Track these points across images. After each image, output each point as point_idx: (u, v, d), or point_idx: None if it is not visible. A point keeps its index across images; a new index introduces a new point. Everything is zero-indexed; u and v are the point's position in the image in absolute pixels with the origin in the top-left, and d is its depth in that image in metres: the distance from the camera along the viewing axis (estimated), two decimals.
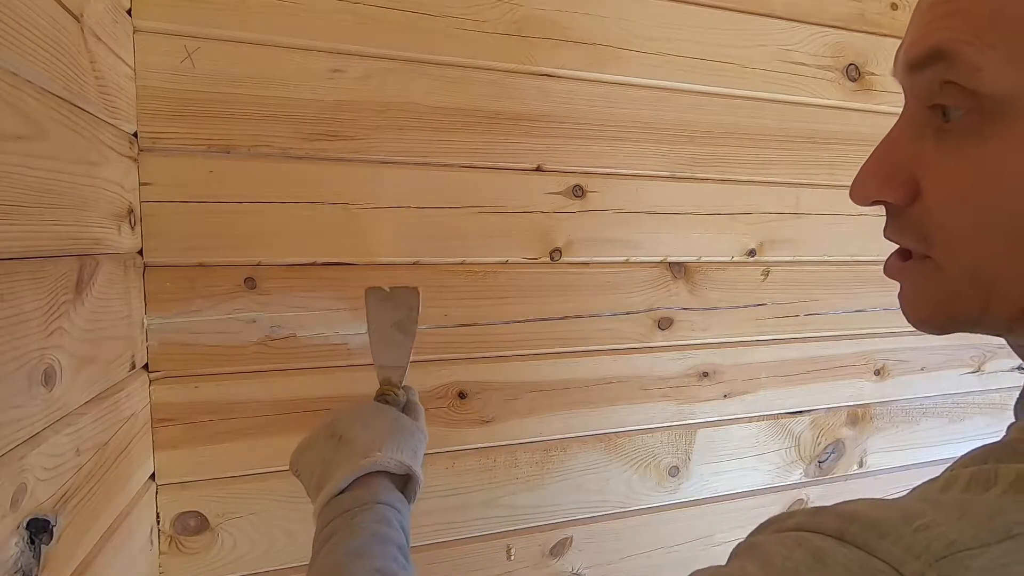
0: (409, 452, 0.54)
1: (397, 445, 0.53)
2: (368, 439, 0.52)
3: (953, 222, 0.30)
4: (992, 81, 0.26)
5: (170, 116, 0.65)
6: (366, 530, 0.45)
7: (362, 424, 0.54)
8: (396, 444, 0.53)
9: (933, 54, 0.28)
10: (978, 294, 0.30)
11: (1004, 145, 0.27)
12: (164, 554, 0.70)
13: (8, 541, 0.39)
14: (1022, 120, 0.26)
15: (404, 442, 0.54)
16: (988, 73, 0.26)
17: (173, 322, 0.68)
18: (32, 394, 0.41)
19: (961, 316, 0.32)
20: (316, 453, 0.54)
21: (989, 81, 0.26)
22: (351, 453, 0.51)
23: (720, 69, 0.88)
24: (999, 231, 0.28)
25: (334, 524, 0.47)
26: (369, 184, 0.73)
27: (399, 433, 0.55)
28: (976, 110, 0.27)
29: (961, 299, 0.31)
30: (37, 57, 0.42)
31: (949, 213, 0.30)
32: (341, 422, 0.55)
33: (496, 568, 0.86)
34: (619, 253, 0.87)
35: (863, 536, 0.23)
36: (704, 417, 0.96)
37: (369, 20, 0.71)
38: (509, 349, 0.83)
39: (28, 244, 0.41)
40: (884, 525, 0.23)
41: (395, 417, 0.57)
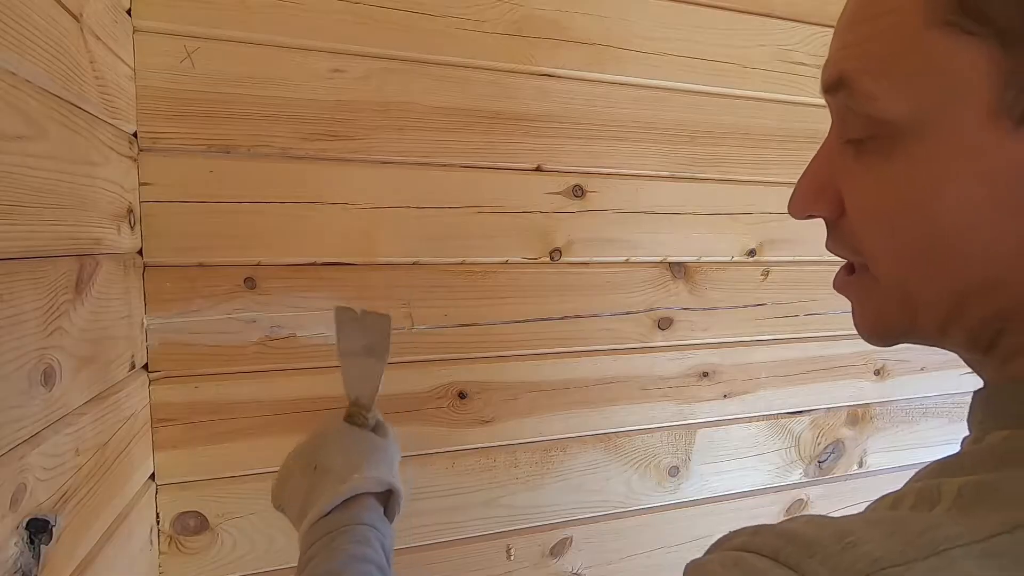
0: (386, 468, 0.55)
1: (374, 464, 0.53)
2: (344, 464, 0.52)
3: (873, 238, 0.31)
4: (885, 110, 0.28)
5: (170, 116, 0.65)
6: (344, 552, 0.45)
7: (336, 450, 0.54)
8: (373, 464, 0.53)
9: (836, 82, 0.30)
10: (906, 308, 0.31)
11: (904, 168, 0.28)
12: (164, 554, 0.70)
13: (8, 541, 0.39)
14: (917, 144, 0.27)
15: (380, 460, 0.54)
16: (882, 102, 0.28)
17: (173, 322, 0.67)
18: (32, 394, 0.41)
19: (896, 329, 0.33)
20: (295, 485, 0.54)
21: (882, 109, 0.28)
22: (330, 480, 0.51)
23: (720, 69, 0.88)
24: (911, 248, 0.29)
25: (314, 548, 0.47)
26: (369, 184, 0.73)
27: (374, 453, 0.55)
28: (880, 131, 0.29)
29: (893, 312, 0.32)
30: (37, 57, 0.42)
31: (869, 229, 0.31)
32: (316, 451, 0.54)
33: (496, 568, 0.86)
34: (619, 253, 0.87)
35: (796, 556, 0.23)
36: (704, 417, 0.96)
37: (369, 20, 0.71)
38: (509, 349, 0.82)
39: (28, 244, 0.41)
40: (815, 544, 0.23)
41: (368, 438, 0.57)
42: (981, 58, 0.25)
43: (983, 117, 0.25)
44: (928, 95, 0.27)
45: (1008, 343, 0.29)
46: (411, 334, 0.77)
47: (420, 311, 0.77)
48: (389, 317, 0.64)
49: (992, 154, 0.26)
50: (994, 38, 0.24)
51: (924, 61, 0.26)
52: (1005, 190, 0.26)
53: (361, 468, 0.52)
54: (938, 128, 0.27)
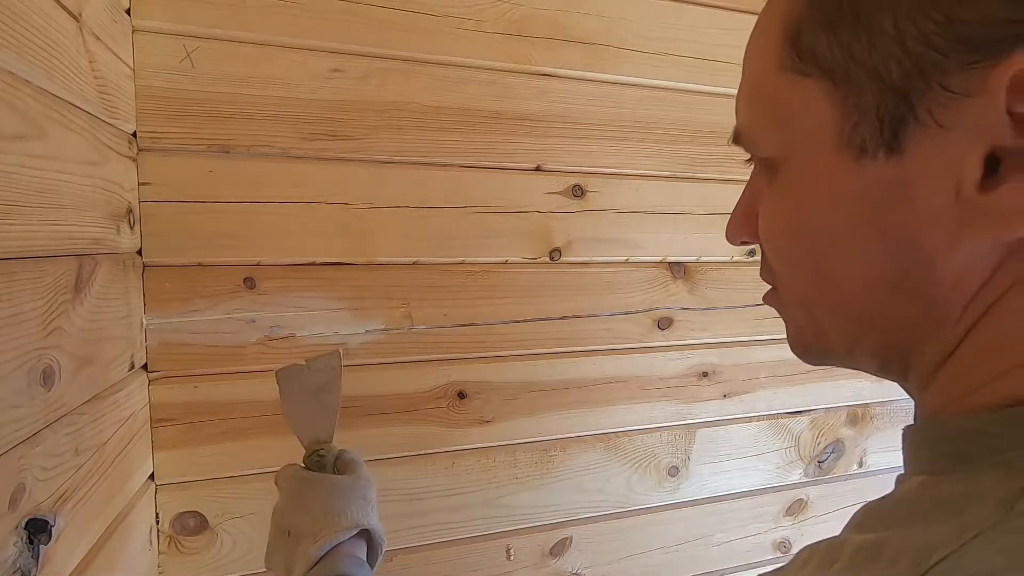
0: (355, 510, 0.53)
1: (340, 513, 0.52)
2: (310, 524, 0.51)
3: (774, 260, 0.33)
4: (763, 149, 0.32)
5: (169, 116, 0.65)
6: None
7: (300, 510, 0.53)
8: (337, 513, 0.52)
9: (736, 135, 0.34)
10: (814, 329, 0.33)
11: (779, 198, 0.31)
12: (163, 554, 0.70)
13: (7, 541, 0.39)
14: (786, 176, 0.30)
15: (345, 507, 0.53)
16: (759, 144, 0.32)
17: (172, 322, 0.67)
18: (31, 394, 0.41)
19: (813, 348, 0.34)
20: (278, 555, 0.54)
21: (761, 149, 0.32)
22: (302, 545, 0.51)
23: (720, 69, 0.88)
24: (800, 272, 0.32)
25: None
26: (369, 184, 0.73)
27: (337, 500, 0.53)
28: (765, 167, 0.32)
29: (806, 332, 0.34)
30: (36, 57, 0.42)
31: (771, 252, 0.33)
32: (283, 516, 0.54)
33: (496, 568, 0.86)
34: (619, 253, 0.87)
35: None
36: (704, 417, 0.96)
37: (369, 20, 0.71)
38: (508, 349, 0.82)
39: (27, 244, 0.41)
40: None
41: (327, 485, 0.55)
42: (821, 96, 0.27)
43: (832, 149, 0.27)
44: (787, 133, 0.30)
45: (917, 373, 0.29)
46: (411, 334, 0.77)
47: (420, 311, 0.77)
48: (337, 353, 0.62)
49: (843, 184, 0.27)
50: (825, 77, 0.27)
51: (779, 104, 0.30)
52: (863, 218, 0.27)
53: (327, 522, 0.51)
54: (798, 161, 0.29)
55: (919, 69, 0.24)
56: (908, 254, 0.26)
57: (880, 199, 0.26)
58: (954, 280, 0.26)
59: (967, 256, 0.25)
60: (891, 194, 0.26)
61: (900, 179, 0.25)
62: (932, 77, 0.23)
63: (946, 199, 0.24)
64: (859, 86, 0.26)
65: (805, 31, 0.27)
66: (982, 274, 0.25)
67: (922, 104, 0.24)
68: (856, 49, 0.25)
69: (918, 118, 0.24)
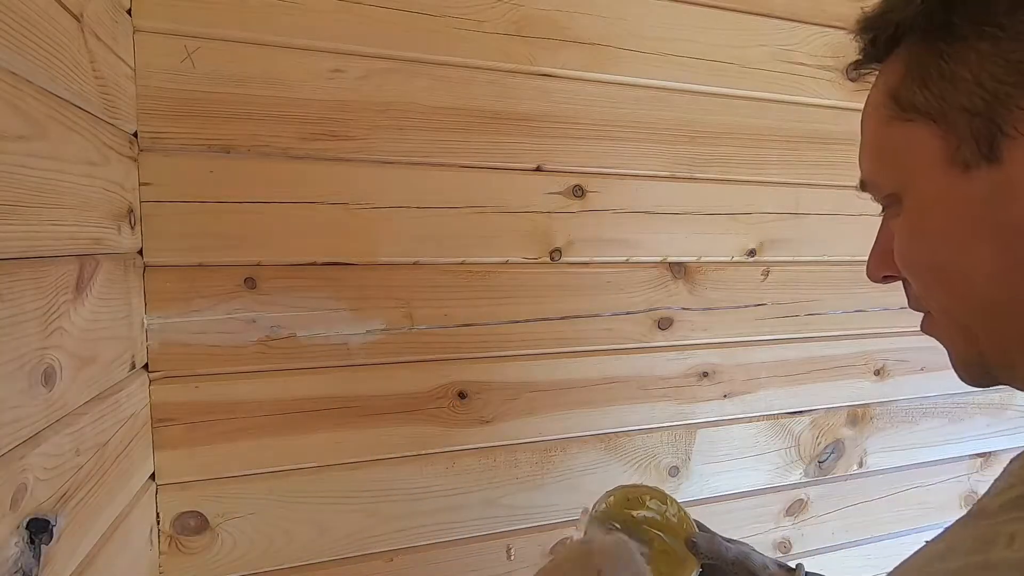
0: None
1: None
2: None
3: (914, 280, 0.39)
4: (885, 188, 0.40)
5: (170, 116, 0.65)
6: None
7: None
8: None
9: (862, 184, 0.42)
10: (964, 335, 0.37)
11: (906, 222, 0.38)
12: (164, 554, 0.70)
13: (8, 541, 0.39)
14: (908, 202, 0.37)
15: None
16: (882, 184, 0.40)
17: (173, 322, 0.68)
18: (32, 394, 0.41)
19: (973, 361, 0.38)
20: None
21: (886, 187, 0.40)
22: None
23: (720, 69, 0.88)
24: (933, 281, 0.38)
25: None
26: (369, 184, 0.73)
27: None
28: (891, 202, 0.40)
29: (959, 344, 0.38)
30: (37, 57, 0.42)
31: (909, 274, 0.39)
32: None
33: (496, 568, 0.86)
34: (619, 253, 0.87)
35: None
36: (704, 417, 0.96)
37: (369, 20, 0.71)
38: (509, 349, 0.83)
39: (28, 244, 0.41)
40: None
41: None
42: (925, 132, 0.35)
43: (942, 170, 0.34)
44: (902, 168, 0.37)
45: None
46: (411, 334, 0.77)
47: (420, 311, 0.77)
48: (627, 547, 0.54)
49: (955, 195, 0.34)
50: (926, 119, 0.35)
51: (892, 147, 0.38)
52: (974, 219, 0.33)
53: None
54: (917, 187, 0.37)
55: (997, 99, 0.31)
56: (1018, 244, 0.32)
57: (988, 199, 0.32)
58: None
59: None
60: (997, 194, 0.32)
61: (1003, 180, 0.32)
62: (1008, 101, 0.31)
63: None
64: (953, 119, 0.33)
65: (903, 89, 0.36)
66: None
67: (1007, 122, 0.31)
68: (946, 94, 0.33)
69: (1005, 132, 0.31)
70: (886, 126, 0.37)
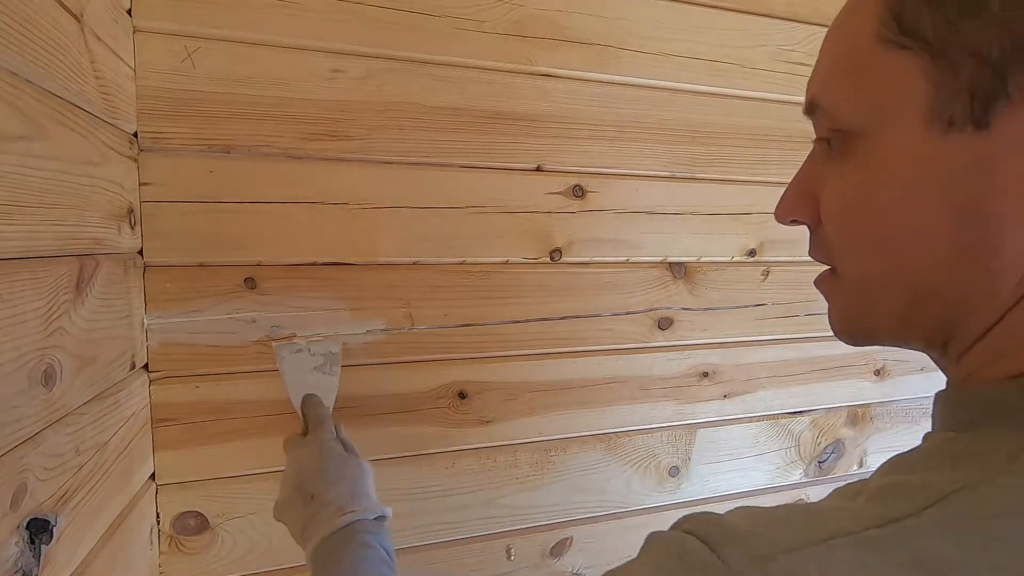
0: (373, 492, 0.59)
1: (363, 493, 0.58)
2: (337, 495, 0.56)
3: (838, 238, 0.34)
4: (845, 120, 0.32)
5: (170, 116, 0.65)
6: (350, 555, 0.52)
7: (328, 480, 0.58)
8: (362, 492, 0.58)
9: (810, 104, 0.35)
10: (867, 306, 0.34)
11: (857, 169, 0.32)
12: (164, 554, 0.70)
13: (8, 541, 0.39)
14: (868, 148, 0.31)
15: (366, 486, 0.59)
16: (842, 114, 0.32)
17: (173, 322, 0.68)
18: (32, 394, 0.41)
19: (861, 327, 0.36)
20: (294, 513, 0.58)
21: (843, 120, 0.32)
22: (325, 511, 0.55)
23: (720, 69, 0.88)
24: (866, 248, 0.33)
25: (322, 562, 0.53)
26: (369, 184, 0.73)
27: (361, 480, 0.59)
28: (842, 141, 0.33)
29: (857, 311, 0.35)
30: (37, 57, 0.42)
31: (834, 230, 0.34)
32: (308, 481, 0.58)
33: (496, 568, 0.86)
34: (619, 253, 0.87)
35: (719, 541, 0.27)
36: (704, 417, 0.96)
37: (369, 20, 0.71)
38: (509, 349, 0.83)
39: (28, 244, 0.41)
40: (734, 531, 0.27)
41: (355, 465, 0.61)
42: (916, 70, 0.28)
43: (920, 122, 0.28)
44: (876, 103, 0.30)
45: (958, 344, 0.32)
46: (411, 334, 0.77)
47: (420, 311, 0.77)
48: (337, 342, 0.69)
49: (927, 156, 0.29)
50: (924, 51, 0.28)
51: (873, 74, 0.30)
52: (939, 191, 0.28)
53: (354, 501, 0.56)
54: (883, 132, 0.30)
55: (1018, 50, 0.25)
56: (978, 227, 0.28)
57: (961, 172, 0.28)
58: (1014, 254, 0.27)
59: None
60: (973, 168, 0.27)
61: (984, 153, 0.27)
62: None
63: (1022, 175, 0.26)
64: (957, 62, 0.27)
65: (909, 6, 0.28)
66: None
67: (1015, 83, 0.25)
68: (962, 26, 0.26)
69: (1009, 96, 0.26)
70: (874, 46, 0.30)
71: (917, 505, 0.24)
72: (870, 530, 0.24)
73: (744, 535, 0.26)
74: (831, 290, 0.37)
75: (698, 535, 0.28)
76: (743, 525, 0.27)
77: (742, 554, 0.25)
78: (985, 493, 0.24)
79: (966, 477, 0.25)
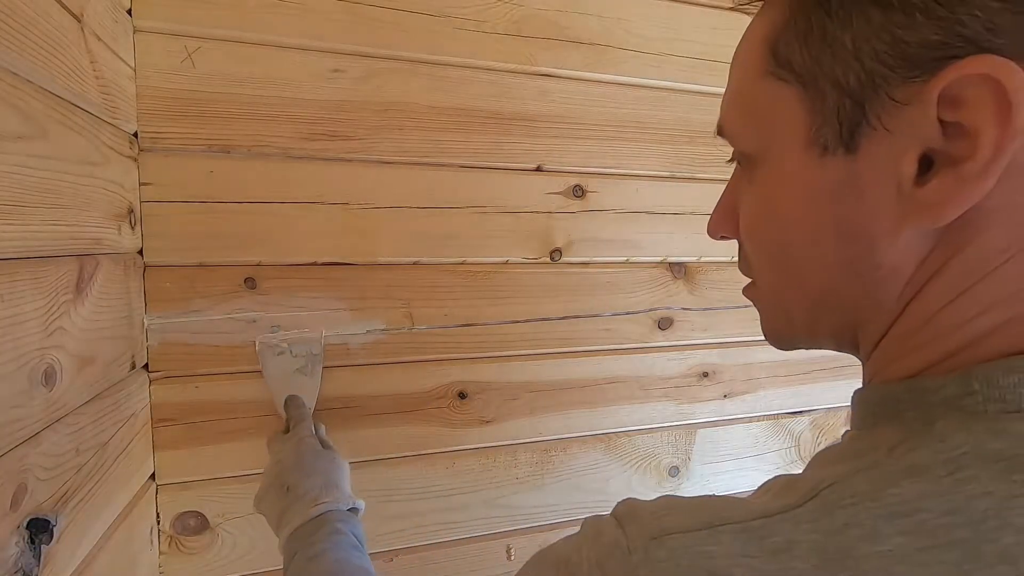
0: (346, 485, 0.62)
1: (336, 485, 0.60)
2: (311, 487, 0.59)
3: (752, 251, 0.37)
4: (743, 145, 0.35)
5: (170, 116, 0.65)
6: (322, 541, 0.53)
7: (304, 473, 0.60)
8: (335, 485, 0.60)
9: (719, 128, 0.37)
10: (782, 315, 0.38)
11: (757, 191, 0.35)
12: (164, 554, 0.70)
13: (8, 541, 0.39)
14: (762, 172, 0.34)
15: (340, 479, 0.61)
16: (740, 139, 0.35)
17: (173, 322, 0.68)
18: (32, 394, 0.41)
19: (783, 334, 0.39)
20: (271, 504, 0.60)
21: (741, 145, 0.35)
22: (300, 502, 0.58)
23: (720, 69, 0.88)
24: (771, 262, 0.36)
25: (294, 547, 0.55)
26: (369, 184, 0.73)
27: (334, 473, 0.61)
28: (746, 163, 0.36)
29: (776, 320, 0.39)
30: (37, 57, 0.42)
31: (748, 243, 0.37)
32: (285, 473, 0.61)
33: (496, 568, 0.86)
34: (619, 253, 0.87)
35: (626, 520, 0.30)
36: (704, 417, 0.96)
37: (369, 20, 0.71)
38: (509, 349, 0.83)
39: (28, 244, 0.41)
40: (641, 512, 0.30)
41: (329, 459, 0.63)
42: (794, 100, 0.31)
43: (801, 147, 0.31)
44: (764, 132, 0.33)
45: (864, 347, 0.34)
46: (411, 334, 0.77)
47: (420, 311, 0.77)
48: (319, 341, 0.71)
49: (808, 178, 0.31)
50: (798, 83, 0.30)
51: (759, 105, 0.33)
52: (821, 209, 0.31)
53: (327, 493, 0.58)
54: (772, 158, 0.33)
55: (871, 80, 0.28)
56: (856, 241, 0.30)
57: (836, 192, 0.30)
58: (893, 265, 0.30)
59: (905, 244, 0.29)
60: (845, 188, 0.30)
61: (853, 175, 0.29)
62: (881, 88, 0.27)
63: (889, 193, 0.28)
64: (824, 92, 0.29)
65: (783, 42, 0.31)
66: (916, 260, 0.29)
67: (873, 110, 0.28)
68: (823, 60, 0.29)
69: (869, 122, 0.28)
70: (758, 78, 0.33)
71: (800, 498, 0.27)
72: (756, 520, 0.26)
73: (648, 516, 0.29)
74: (754, 300, 0.41)
75: (615, 515, 0.31)
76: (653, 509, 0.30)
77: (639, 532, 0.28)
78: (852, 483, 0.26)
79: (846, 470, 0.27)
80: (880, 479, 0.26)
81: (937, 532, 0.24)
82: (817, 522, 0.25)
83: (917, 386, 0.29)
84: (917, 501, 0.24)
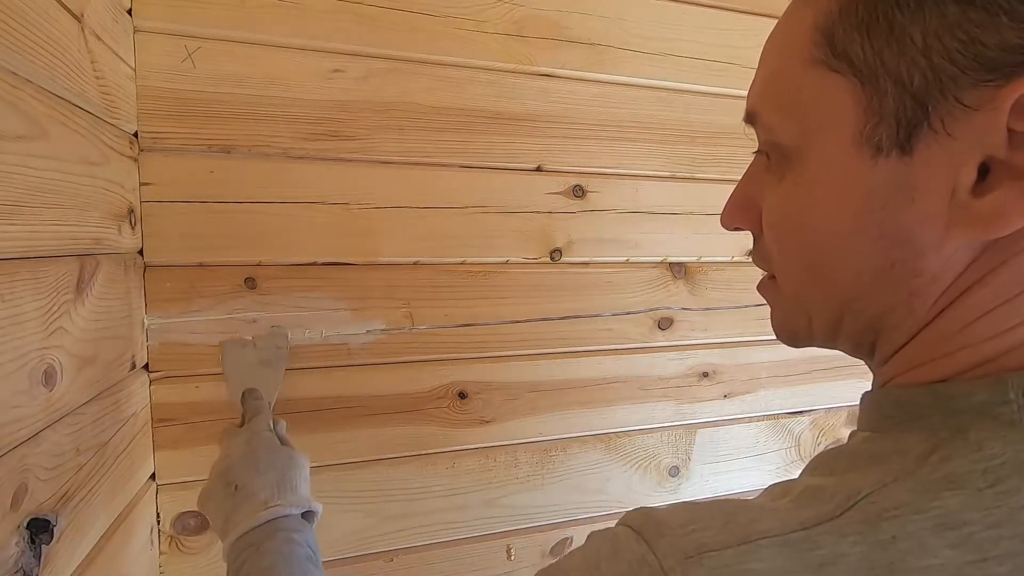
0: (303, 486, 0.56)
1: (291, 486, 0.54)
2: (262, 486, 0.53)
3: (776, 251, 0.36)
4: (779, 137, 0.33)
5: (170, 116, 0.65)
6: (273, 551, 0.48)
7: (254, 470, 0.54)
8: (290, 485, 0.54)
9: (749, 115, 0.36)
10: (802, 315, 0.36)
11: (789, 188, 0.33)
12: (164, 554, 0.70)
13: (9, 541, 0.39)
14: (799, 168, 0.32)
15: (295, 479, 0.55)
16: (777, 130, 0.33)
17: (173, 322, 0.68)
18: (33, 394, 0.41)
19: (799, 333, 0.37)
20: (216, 504, 0.54)
21: (777, 136, 0.33)
22: (250, 504, 0.52)
23: (720, 69, 0.88)
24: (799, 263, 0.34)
25: (241, 558, 0.49)
26: (369, 184, 0.73)
27: (290, 471, 0.55)
28: (778, 156, 0.33)
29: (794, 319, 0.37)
30: (37, 57, 0.42)
31: (773, 243, 0.36)
32: (234, 470, 0.55)
33: (496, 568, 0.86)
34: (619, 253, 0.87)
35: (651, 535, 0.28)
36: (704, 417, 0.96)
37: (369, 20, 0.71)
38: (509, 349, 0.83)
39: (28, 244, 0.41)
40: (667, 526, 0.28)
41: (285, 456, 0.57)
42: (846, 94, 0.29)
43: (848, 146, 0.29)
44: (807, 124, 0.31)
45: (882, 351, 0.33)
46: (411, 334, 0.77)
47: (420, 311, 0.77)
48: (284, 334, 0.70)
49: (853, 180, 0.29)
50: (854, 76, 0.28)
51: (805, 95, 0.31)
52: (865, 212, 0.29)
53: (279, 494, 0.53)
54: (814, 152, 0.31)
55: (938, 80, 0.26)
56: (900, 247, 0.29)
57: (884, 195, 0.28)
58: (934, 273, 0.29)
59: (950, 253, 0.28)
60: (895, 191, 0.28)
61: (905, 178, 0.28)
62: (948, 89, 0.26)
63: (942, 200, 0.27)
64: (883, 89, 0.27)
65: (840, 30, 0.29)
66: (957, 269, 0.28)
67: (936, 112, 0.26)
68: (887, 55, 0.27)
69: (931, 124, 0.26)
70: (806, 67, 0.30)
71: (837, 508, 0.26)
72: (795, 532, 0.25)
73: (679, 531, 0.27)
74: (772, 296, 0.39)
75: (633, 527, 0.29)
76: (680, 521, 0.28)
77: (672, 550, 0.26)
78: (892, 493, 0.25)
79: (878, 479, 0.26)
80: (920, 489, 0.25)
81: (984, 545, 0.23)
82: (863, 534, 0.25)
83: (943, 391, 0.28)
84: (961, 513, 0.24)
